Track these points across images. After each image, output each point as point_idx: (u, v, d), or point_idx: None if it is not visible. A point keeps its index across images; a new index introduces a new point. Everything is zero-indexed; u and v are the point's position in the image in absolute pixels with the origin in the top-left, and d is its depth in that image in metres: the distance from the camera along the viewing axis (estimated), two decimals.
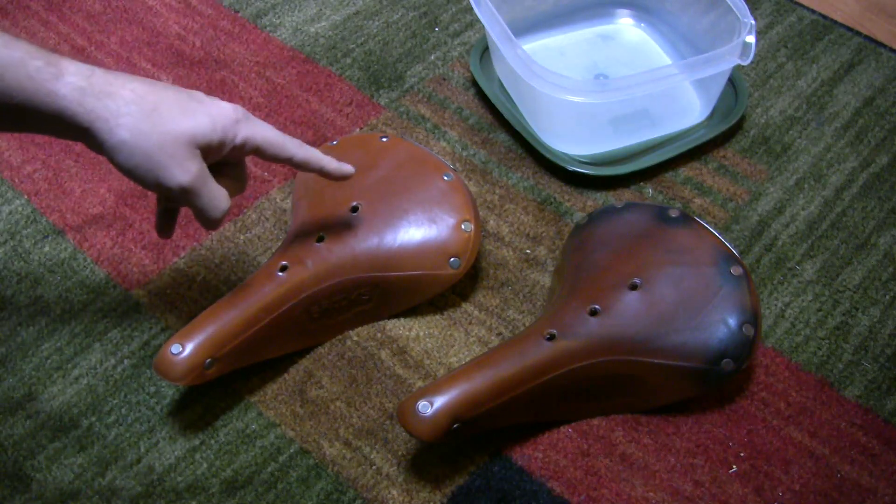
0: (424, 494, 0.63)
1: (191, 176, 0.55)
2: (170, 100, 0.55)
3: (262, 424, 0.67)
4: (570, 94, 0.77)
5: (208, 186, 0.56)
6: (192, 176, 0.55)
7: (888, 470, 0.65)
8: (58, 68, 0.52)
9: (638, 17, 0.95)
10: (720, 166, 0.84)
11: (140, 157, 0.53)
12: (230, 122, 0.57)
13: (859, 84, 0.91)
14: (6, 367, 0.70)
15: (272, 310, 0.65)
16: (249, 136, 0.58)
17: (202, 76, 0.91)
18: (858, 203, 0.82)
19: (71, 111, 0.52)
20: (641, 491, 0.63)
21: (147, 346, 0.71)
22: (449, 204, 0.71)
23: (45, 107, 0.52)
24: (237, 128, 0.58)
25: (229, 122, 0.57)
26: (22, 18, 0.97)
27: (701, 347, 0.63)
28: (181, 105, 0.55)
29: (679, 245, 0.68)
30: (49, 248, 0.77)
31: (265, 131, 0.60)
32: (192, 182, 0.55)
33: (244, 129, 0.58)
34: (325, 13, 0.99)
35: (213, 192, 0.57)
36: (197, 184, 0.55)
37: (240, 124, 0.58)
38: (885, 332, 0.73)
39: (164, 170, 0.54)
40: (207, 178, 0.56)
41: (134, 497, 0.63)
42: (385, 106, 0.89)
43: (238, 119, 0.58)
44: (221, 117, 0.57)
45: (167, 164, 0.54)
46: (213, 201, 0.57)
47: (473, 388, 0.60)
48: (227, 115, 0.57)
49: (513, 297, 0.74)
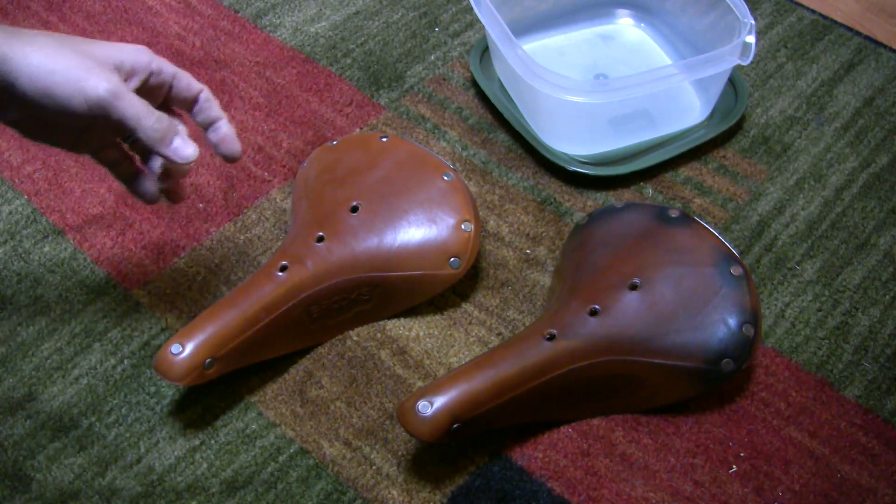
0: (424, 494, 0.63)
1: (114, 82, 0.54)
2: (76, 37, 0.56)
3: (262, 424, 0.67)
4: (570, 94, 0.77)
5: (136, 97, 0.55)
6: (115, 82, 0.54)
7: (888, 470, 0.65)
8: None
9: (638, 17, 0.95)
10: (720, 166, 0.84)
11: (60, 73, 0.53)
12: (139, 49, 0.57)
13: (859, 84, 0.91)
14: (6, 367, 0.70)
15: (272, 310, 0.65)
16: (163, 64, 0.58)
17: (202, 76, 0.91)
18: (858, 203, 0.82)
19: None
20: (641, 491, 0.64)
21: (147, 346, 0.71)
22: (449, 204, 0.71)
23: None
24: (148, 56, 0.58)
25: (138, 49, 0.57)
26: (22, 18, 0.97)
27: (701, 347, 0.63)
28: (87, 40, 0.56)
29: (679, 245, 0.68)
30: (49, 248, 0.77)
31: (174, 66, 0.60)
32: (118, 87, 0.54)
33: (155, 58, 0.58)
34: (325, 13, 0.99)
35: (144, 103, 0.56)
36: (122, 90, 0.54)
37: (149, 54, 0.58)
38: (885, 332, 0.73)
39: (87, 80, 0.53)
40: (132, 92, 0.55)
41: (134, 497, 0.63)
42: (385, 106, 0.89)
43: (147, 51, 0.58)
44: (129, 46, 0.57)
45: (89, 75, 0.53)
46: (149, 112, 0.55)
47: (473, 388, 0.60)
48: (134, 46, 0.58)
49: (513, 297, 0.74)
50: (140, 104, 0.55)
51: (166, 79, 0.59)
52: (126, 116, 0.55)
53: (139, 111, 0.55)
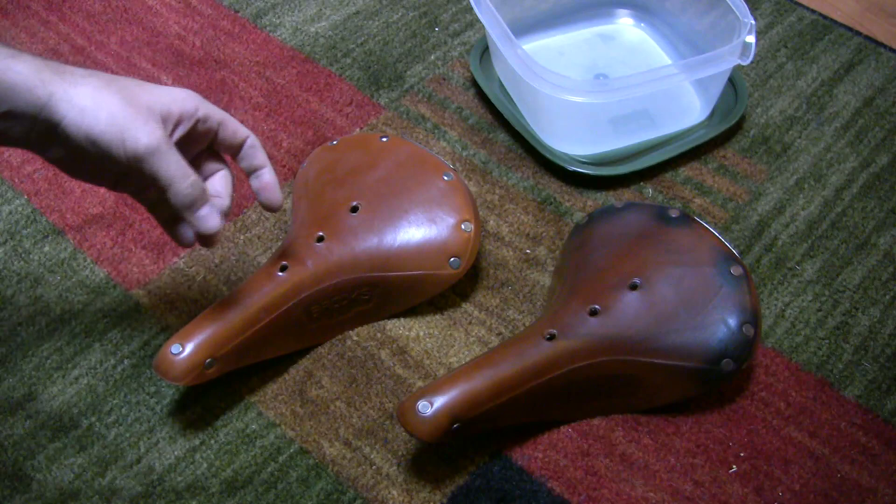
0: (424, 494, 0.63)
1: (156, 138, 0.53)
2: (124, 79, 0.55)
3: (262, 424, 0.67)
4: (570, 94, 0.77)
5: (176, 155, 0.55)
6: (157, 138, 0.53)
7: (888, 470, 0.65)
8: (14, 51, 0.52)
9: (638, 17, 0.95)
10: (720, 166, 0.84)
11: (104, 121, 0.52)
12: (188, 95, 0.57)
13: (859, 84, 0.91)
14: (6, 367, 0.70)
15: (272, 310, 0.65)
16: (210, 110, 0.58)
17: (202, 76, 0.91)
18: (858, 203, 0.82)
19: (28, 84, 0.51)
20: (641, 491, 0.64)
21: (147, 346, 0.71)
22: (449, 204, 0.71)
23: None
24: (196, 101, 0.57)
25: (187, 96, 0.57)
26: (22, 18, 0.97)
27: (701, 347, 0.63)
28: (136, 83, 0.55)
29: (679, 245, 0.68)
30: (49, 248, 0.77)
31: (222, 111, 0.59)
32: (159, 143, 0.53)
33: (203, 103, 0.58)
34: (325, 13, 0.99)
35: (182, 164, 0.55)
36: (163, 146, 0.54)
37: (197, 100, 0.57)
38: (885, 332, 0.73)
39: (129, 131, 0.52)
40: (173, 148, 0.55)
41: (134, 497, 0.63)
42: (385, 106, 0.89)
43: (195, 96, 0.58)
44: (178, 91, 0.57)
45: (131, 125, 0.53)
46: (184, 175, 0.55)
47: (473, 388, 0.60)
48: (183, 91, 0.57)
49: (513, 297, 0.74)
50: (176, 165, 0.55)
51: (212, 126, 0.59)
52: (160, 176, 0.54)
53: (174, 173, 0.55)
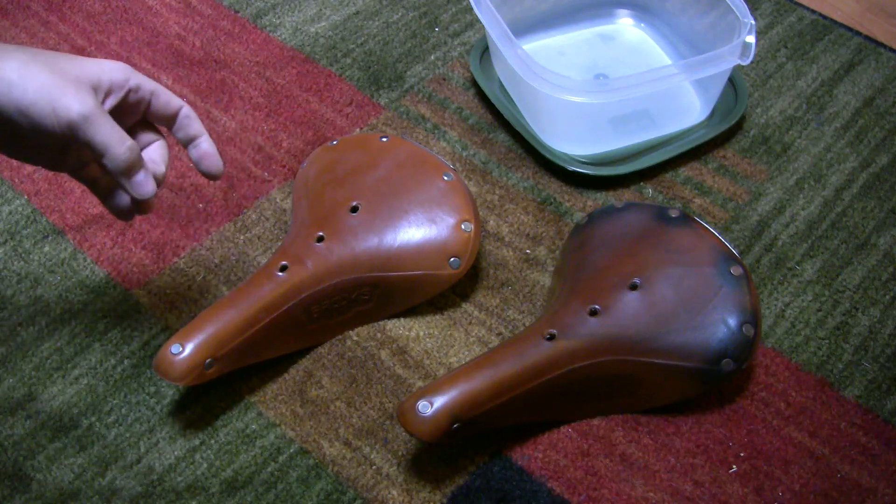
0: (424, 494, 0.63)
1: (88, 105, 0.53)
2: (52, 53, 0.55)
3: (262, 424, 0.67)
4: (570, 94, 0.77)
5: (110, 121, 0.54)
6: (89, 105, 0.53)
7: (888, 470, 0.65)
8: None
9: (638, 17, 0.95)
10: (720, 166, 0.84)
11: (33, 92, 0.52)
12: (117, 66, 0.56)
13: (859, 84, 0.91)
14: (6, 367, 0.70)
15: (272, 310, 0.65)
16: (141, 80, 0.57)
17: (202, 76, 0.91)
18: (858, 203, 0.82)
19: None
20: (641, 491, 0.64)
21: (147, 346, 0.71)
22: (449, 204, 0.71)
23: None
24: (126, 72, 0.57)
25: (116, 66, 0.56)
26: (22, 18, 0.97)
27: (701, 347, 0.63)
28: (65, 56, 0.55)
29: (679, 245, 0.68)
30: (49, 248, 0.77)
31: (154, 82, 0.59)
32: (91, 110, 0.53)
33: (134, 74, 0.57)
34: (325, 13, 0.99)
35: (117, 129, 0.54)
36: (96, 112, 0.53)
37: (128, 70, 0.57)
38: (885, 332, 0.73)
39: (60, 100, 0.52)
40: (107, 115, 0.54)
41: (134, 497, 0.63)
42: (385, 106, 0.89)
43: (125, 66, 0.57)
44: (107, 63, 0.56)
45: (62, 95, 0.52)
46: (120, 140, 0.54)
47: (473, 388, 0.60)
48: (113, 62, 0.57)
49: (513, 297, 0.74)
50: (111, 130, 0.54)
51: (145, 96, 0.58)
52: (95, 142, 0.54)
53: (109, 138, 0.54)
